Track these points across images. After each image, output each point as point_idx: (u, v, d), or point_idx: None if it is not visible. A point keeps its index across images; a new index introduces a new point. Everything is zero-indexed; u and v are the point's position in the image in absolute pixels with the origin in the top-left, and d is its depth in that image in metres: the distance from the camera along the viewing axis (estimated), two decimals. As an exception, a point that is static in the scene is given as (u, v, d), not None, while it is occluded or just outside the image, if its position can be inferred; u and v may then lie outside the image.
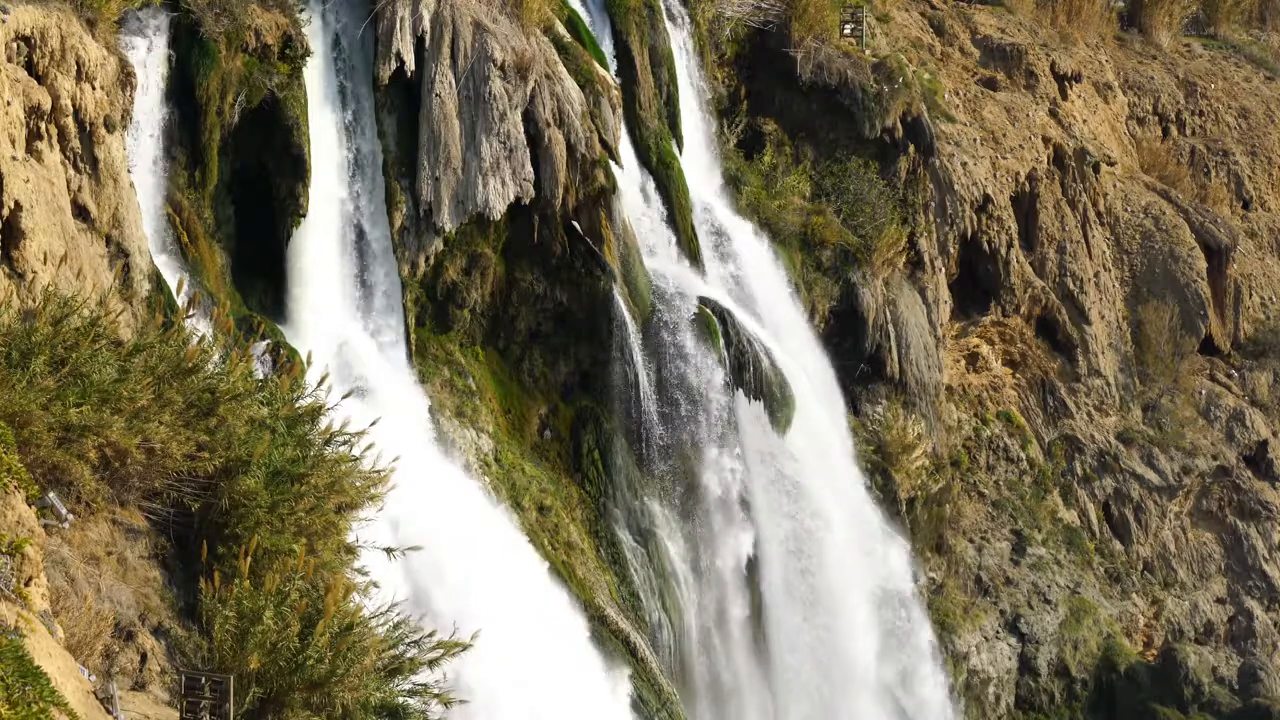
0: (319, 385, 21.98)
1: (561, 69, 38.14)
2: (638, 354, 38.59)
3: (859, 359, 45.90)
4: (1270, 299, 58.80)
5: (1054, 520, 51.09)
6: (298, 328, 33.79)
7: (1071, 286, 52.94)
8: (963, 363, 51.41)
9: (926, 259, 48.35)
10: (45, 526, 17.21)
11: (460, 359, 37.47)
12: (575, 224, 38.19)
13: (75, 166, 28.72)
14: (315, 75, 34.98)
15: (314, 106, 34.63)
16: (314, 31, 35.12)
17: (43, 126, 27.68)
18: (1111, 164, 57.02)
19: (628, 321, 38.40)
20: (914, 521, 46.59)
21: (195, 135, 32.86)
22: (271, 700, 17.98)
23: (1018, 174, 52.09)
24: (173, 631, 18.75)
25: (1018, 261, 51.50)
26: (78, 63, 28.39)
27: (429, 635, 19.83)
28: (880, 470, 45.38)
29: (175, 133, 32.72)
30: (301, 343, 31.84)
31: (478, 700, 26.85)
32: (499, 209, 36.61)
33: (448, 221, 36.24)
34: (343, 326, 35.08)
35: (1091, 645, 49.25)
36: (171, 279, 29.63)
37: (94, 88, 28.81)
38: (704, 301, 40.04)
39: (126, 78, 30.70)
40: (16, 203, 25.44)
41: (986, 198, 50.44)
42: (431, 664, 19.74)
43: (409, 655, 19.62)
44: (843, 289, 45.59)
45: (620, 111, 39.60)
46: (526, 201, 37.08)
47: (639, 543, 38.83)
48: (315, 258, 34.70)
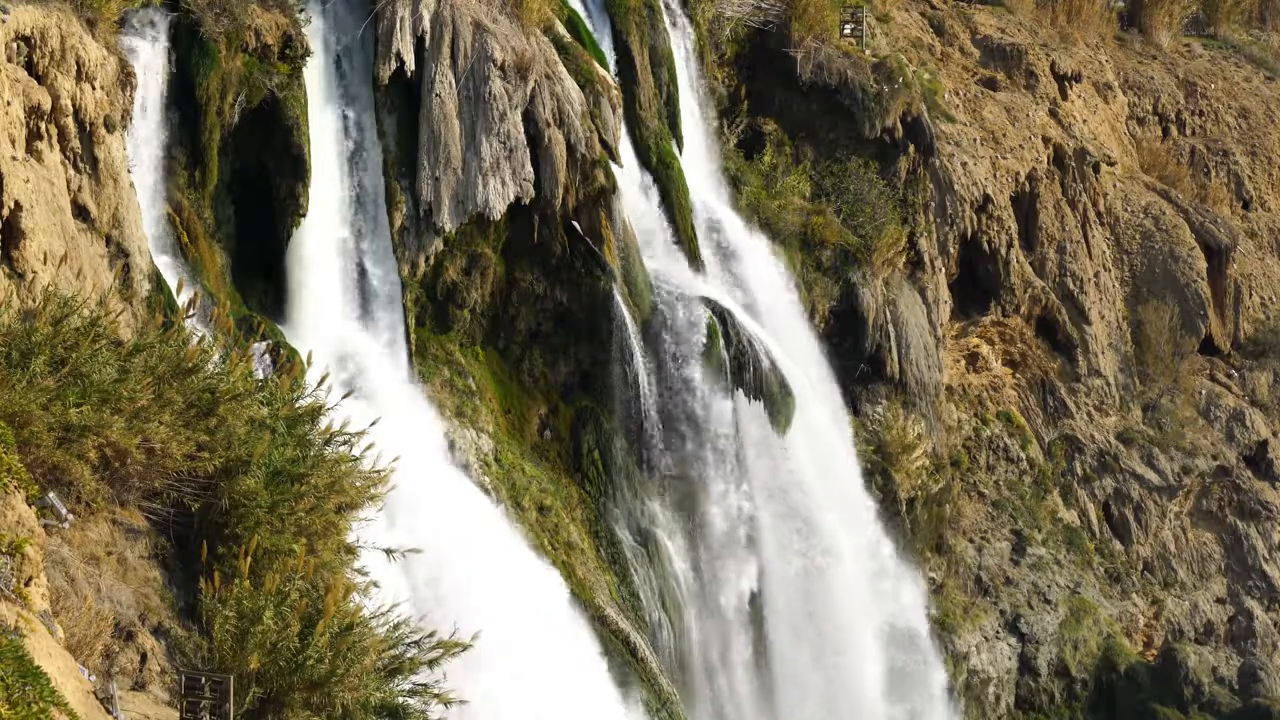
0: (319, 385, 21.97)
1: (561, 69, 38.13)
2: (638, 354, 38.58)
3: (859, 359, 45.88)
4: (1270, 299, 58.79)
5: (1054, 520, 51.07)
6: (298, 328, 33.77)
7: (1071, 286, 52.93)
8: (963, 363, 51.40)
9: (926, 259, 48.33)
10: (45, 526, 17.20)
11: (460, 359, 37.46)
12: (575, 224, 38.17)
13: (75, 166, 28.72)
14: (315, 75, 34.98)
15: (314, 106, 34.62)
16: (314, 31, 35.11)
17: (43, 126, 27.68)
18: (1111, 164, 57.00)
19: (628, 321, 38.39)
20: (914, 521, 46.58)
21: (195, 135, 32.86)
22: (271, 700, 17.98)
23: (1018, 174, 52.07)
24: (173, 631, 18.74)
25: (1018, 261, 51.49)
26: (78, 63, 28.39)
27: (429, 635, 19.82)
28: (880, 470, 45.37)
29: (175, 133, 32.72)
30: (301, 343, 31.82)
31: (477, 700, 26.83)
32: (499, 209, 36.61)
33: (448, 221, 36.24)
34: (343, 326, 35.07)
35: (1091, 645, 49.23)
36: (171, 279, 29.64)
37: (94, 88, 28.81)
38: (704, 301, 40.03)
39: (126, 78, 30.71)
40: (16, 203, 25.45)
41: (986, 198, 50.43)
42: (431, 664, 19.73)
43: (409, 655, 19.61)
44: (843, 289, 45.56)
45: (620, 111, 39.59)
46: (526, 201, 37.08)
47: (639, 543, 38.82)
48: (315, 258, 34.68)
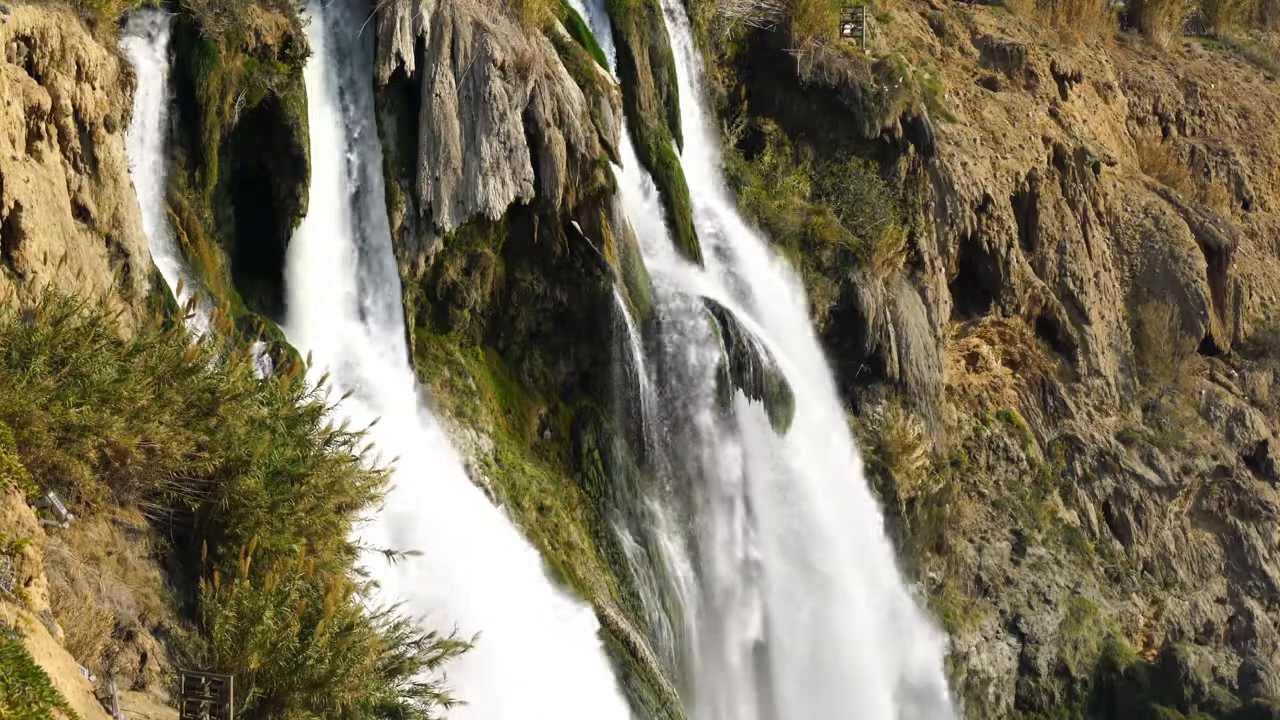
0: (319, 385, 21.96)
1: (561, 69, 38.13)
2: (638, 354, 38.58)
3: (859, 359, 45.88)
4: (1270, 299, 58.79)
5: (1054, 520, 51.07)
6: (298, 328, 33.77)
7: (1071, 286, 52.93)
8: (963, 363, 51.40)
9: (926, 259, 48.33)
10: (45, 526, 17.20)
11: (460, 359, 37.46)
12: (575, 224, 38.17)
13: (75, 166, 28.72)
14: (315, 75, 34.98)
15: (314, 106, 34.63)
16: (314, 31, 35.11)
17: (43, 126, 27.69)
18: (1111, 164, 57.00)
19: (628, 321, 38.39)
20: (914, 521, 46.58)
21: (195, 135, 32.85)
22: (271, 700, 17.97)
23: (1018, 174, 52.07)
24: (173, 631, 18.74)
25: (1018, 261, 51.48)
26: (78, 63, 28.39)
27: (429, 635, 19.81)
28: (880, 470, 45.36)
29: (175, 133, 32.71)
30: (301, 343, 31.82)
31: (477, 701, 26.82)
32: (499, 209, 36.60)
33: (448, 221, 36.23)
34: (343, 326, 35.07)
35: (1091, 645, 49.23)
36: (171, 279, 29.65)
37: (94, 88, 28.81)
38: (704, 301, 40.02)
39: (126, 78, 30.71)
40: (16, 203, 25.45)
41: (986, 198, 50.42)
42: (431, 664, 19.72)
43: (409, 655, 19.61)
44: (843, 289, 45.55)
45: (620, 111, 39.59)
46: (526, 201, 37.07)
47: (639, 543, 38.83)
48: (315, 258, 34.68)
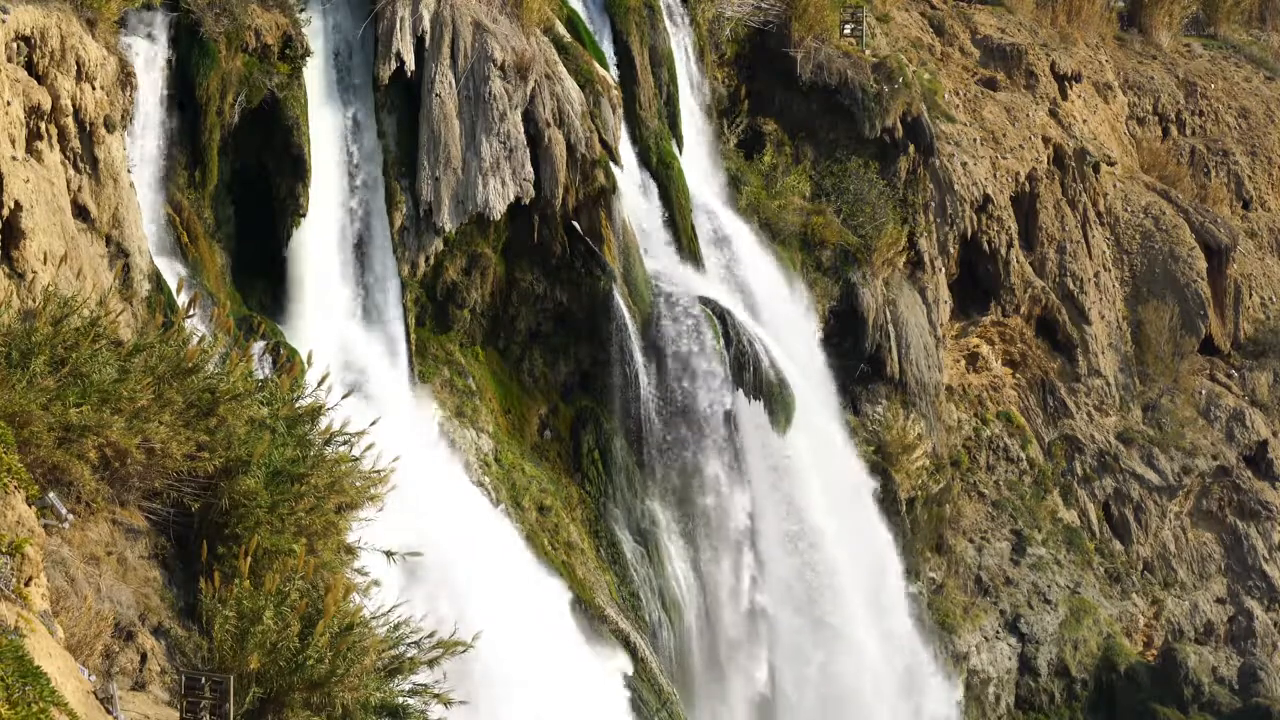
0: (319, 385, 21.96)
1: (561, 69, 38.13)
2: (638, 354, 38.57)
3: (859, 359, 45.87)
4: (1270, 299, 58.78)
5: (1054, 520, 51.06)
6: (298, 328, 33.77)
7: (1071, 286, 52.93)
8: (963, 363, 51.39)
9: (926, 259, 48.32)
10: (45, 526, 17.19)
11: (460, 359, 37.46)
12: (575, 224, 38.16)
13: (75, 166, 28.72)
14: (315, 75, 34.98)
15: (314, 106, 34.63)
16: (314, 31, 35.11)
17: (43, 126, 27.69)
18: (1111, 164, 56.99)
19: (628, 321, 38.39)
20: (914, 521, 46.57)
21: (195, 135, 32.86)
22: (271, 700, 17.97)
23: (1018, 174, 52.06)
24: (173, 631, 18.73)
25: (1018, 261, 51.48)
26: (78, 63, 28.39)
27: (429, 635, 19.81)
28: (880, 470, 45.36)
29: (175, 133, 32.71)
30: (301, 343, 31.81)
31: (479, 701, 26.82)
32: (499, 209, 36.60)
33: (448, 221, 36.23)
34: (343, 326, 35.07)
35: (1091, 645, 49.22)
36: (171, 279, 29.65)
37: (94, 88, 28.81)
38: (704, 301, 40.02)
39: (126, 78, 30.72)
40: (16, 203, 25.46)
41: (986, 198, 50.42)
42: (431, 664, 19.71)
43: (409, 655, 19.60)
44: (843, 289, 45.55)
45: (620, 111, 39.59)
46: (526, 201, 37.07)
47: (639, 543, 38.82)
48: (315, 258, 34.68)
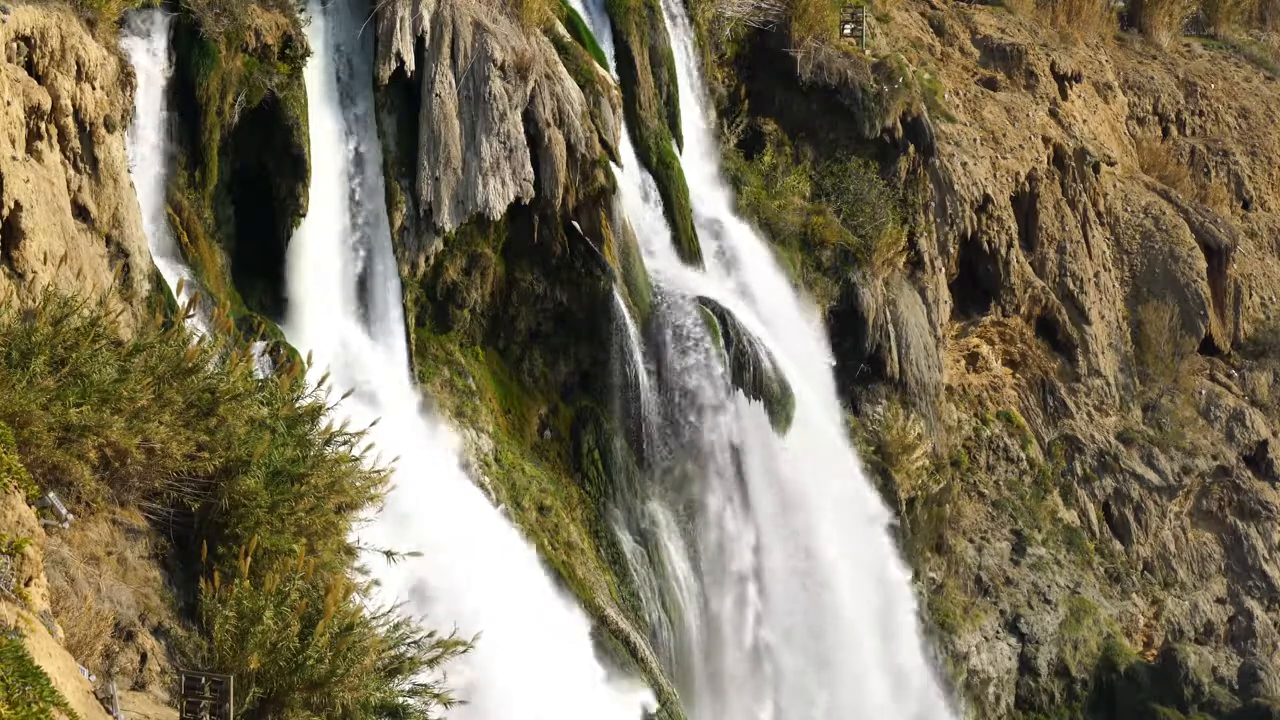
0: (319, 385, 21.96)
1: (561, 69, 38.12)
2: (638, 354, 38.57)
3: (859, 359, 45.87)
4: (1270, 299, 58.79)
5: (1054, 520, 51.06)
6: (298, 328, 33.77)
7: (1071, 286, 52.93)
8: (963, 363, 51.40)
9: (926, 259, 48.32)
10: (45, 526, 17.19)
11: (460, 359, 37.46)
12: (575, 224, 38.17)
13: (75, 166, 28.72)
14: (315, 75, 34.97)
15: (314, 106, 34.62)
16: (314, 31, 35.11)
17: (43, 126, 27.69)
18: (1111, 164, 56.99)
19: (628, 321, 38.38)
20: (914, 521, 46.57)
21: (195, 135, 32.86)
22: (271, 700, 17.97)
23: (1018, 174, 52.06)
24: (173, 631, 18.73)
25: (1018, 261, 51.48)
26: (78, 63, 28.39)
27: (429, 635, 19.81)
28: (880, 470, 45.36)
29: (175, 133, 32.71)
30: (301, 343, 31.82)
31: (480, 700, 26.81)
32: (499, 209, 36.60)
33: (448, 221, 36.23)
34: (342, 326, 35.07)
35: (1091, 645, 49.22)
36: (171, 279, 29.64)
37: (94, 88, 28.81)
38: (704, 301, 40.01)
39: (126, 78, 30.71)
40: (16, 203, 25.46)
41: (986, 198, 50.42)
42: (431, 664, 19.71)
43: (409, 655, 19.60)
44: (843, 289, 45.54)
45: (620, 111, 39.59)
46: (526, 201, 37.07)
47: (639, 543, 38.82)
48: (315, 258, 34.68)
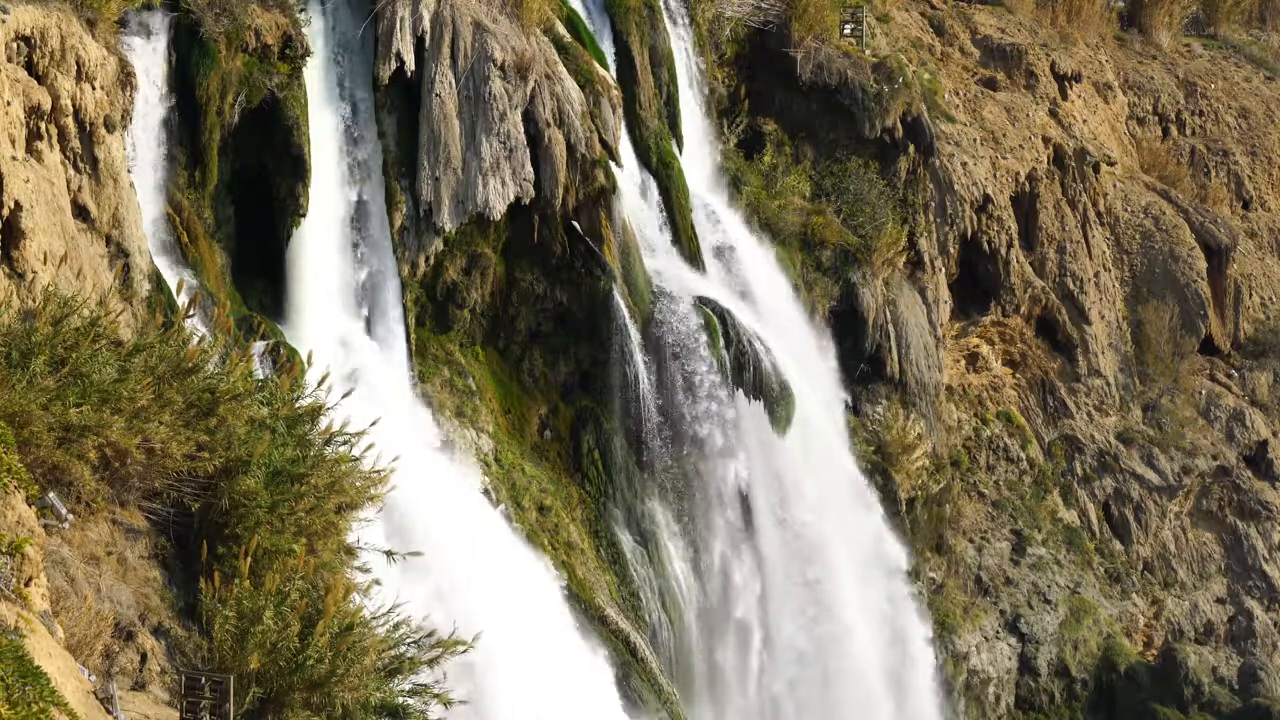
0: (319, 385, 21.96)
1: (561, 69, 38.12)
2: (638, 354, 38.57)
3: (859, 359, 45.88)
4: (1270, 299, 58.79)
5: (1054, 520, 51.06)
6: (298, 328, 33.77)
7: (1071, 286, 52.93)
8: (963, 363, 51.40)
9: (926, 259, 48.32)
10: (45, 526, 17.19)
11: (460, 359, 37.46)
12: (575, 224, 38.17)
13: (75, 166, 28.72)
14: (315, 75, 34.97)
15: (314, 106, 34.62)
16: (314, 31, 35.11)
17: (43, 126, 27.68)
18: (1111, 164, 56.99)
19: (628, 321, 38.39)
20: (914, 521, 46.56)
21: (195, 135, 32.85)
22: (271, 700, 17.97)
23: (1018, 174, 52.06)
24: (173, 631, 18.74)
25: (1018, 261, 51.48)
26: (78, 63, 28.39)
27: (429, 635, 19.81)
28: (880, 470, 45.36)
29: (175, 133, 32.71)
30: (301, 343, 31.82)
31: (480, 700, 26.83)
32: (499, 209, 36.60)
33: (448, 221, 36.23)
34: (343, 326, 35.07)
35: (1091, 645, 49.22)
36: (171, 279, 29.64)
37: (94, 88, 28.81)
38: (704, 301, 40.01)
39: (126, 78, 30.70)
40: (16, 203, 25.46)
41: (986, 198, 50.42)
42: (431, 664, 19.72)
43: (409, 655, 19.61)
44: (843, 289, 45.54)
45: (620, 111, 39.58)
46: (526, 201, 37.07)
47: (639, 543, 38.83)
48: (315, 258, 34.68)
